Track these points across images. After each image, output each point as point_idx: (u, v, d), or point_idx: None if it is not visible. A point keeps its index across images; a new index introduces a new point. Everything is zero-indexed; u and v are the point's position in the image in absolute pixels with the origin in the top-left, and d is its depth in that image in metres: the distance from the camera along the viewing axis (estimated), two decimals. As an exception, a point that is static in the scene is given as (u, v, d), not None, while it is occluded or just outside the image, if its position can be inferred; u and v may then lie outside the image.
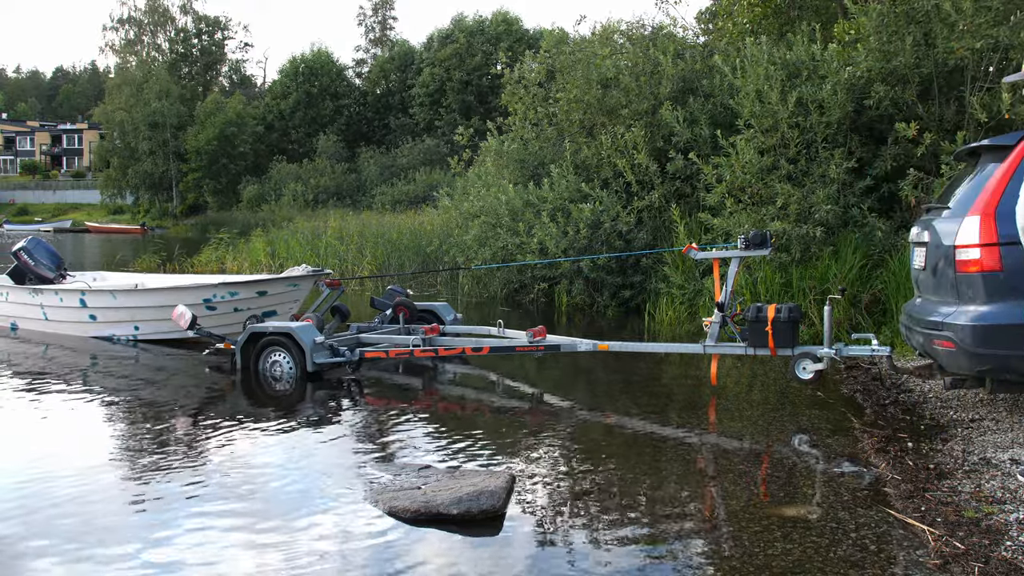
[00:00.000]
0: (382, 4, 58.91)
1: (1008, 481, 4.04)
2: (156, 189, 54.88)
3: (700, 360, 7.43)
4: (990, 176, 4.64)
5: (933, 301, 4.97)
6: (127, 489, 4.25)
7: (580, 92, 11.83)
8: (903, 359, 6.73)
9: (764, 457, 4.81)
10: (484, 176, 13.81)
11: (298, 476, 4.46)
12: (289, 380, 6.83)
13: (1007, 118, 7.72)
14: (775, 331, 5.84)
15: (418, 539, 3.61)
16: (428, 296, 12.96)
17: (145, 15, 57.80)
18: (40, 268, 9.77)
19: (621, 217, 10.72)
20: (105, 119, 56.05)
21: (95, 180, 63.85)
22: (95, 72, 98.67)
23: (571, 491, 4.20)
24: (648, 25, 13.02)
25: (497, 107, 17.60)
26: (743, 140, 9.00)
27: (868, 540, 3.51)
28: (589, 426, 5.60)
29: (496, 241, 11.89)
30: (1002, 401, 5.49)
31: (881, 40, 8.61)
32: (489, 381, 7.21)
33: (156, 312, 8.65)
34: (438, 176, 32.64)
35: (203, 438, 5.22)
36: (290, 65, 50.80)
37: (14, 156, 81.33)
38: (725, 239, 8.89)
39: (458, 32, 45.83)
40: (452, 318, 8.24)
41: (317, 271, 8.65)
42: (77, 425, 5.70)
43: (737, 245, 6.24)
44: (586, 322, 10.44)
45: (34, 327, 9.67)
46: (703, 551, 3.48)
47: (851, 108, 8.74)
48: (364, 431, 5.49)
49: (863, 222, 8.52)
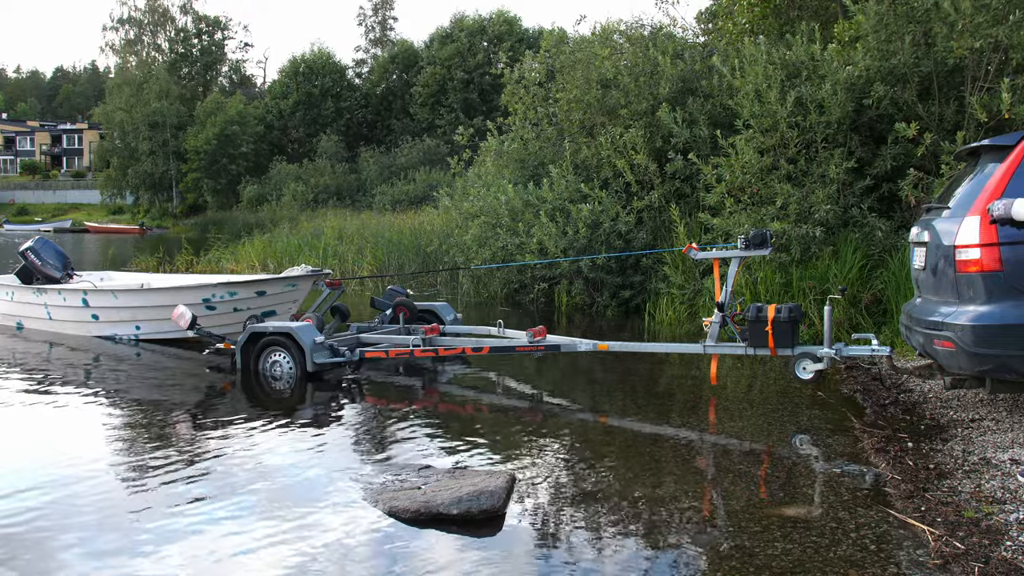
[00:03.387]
0: (382, 4, 58.90)
1: (1008, 481, 4.04)
2: (156, 189, 54.90)
3: (700, 360, 7.43)
4: (990, 176, 4.64)
5: (933, 301, 4.97)
6: (126, 489, 4.25)
7: (580, 92, 11.83)
8: (903, 359, 6.73)
9: (764, 457, 4.81)
10: (484, 176, 13.80)
11: (298, 476, 4.46)
12: (289, 380, 6.83)
13: (1007, 118, 7.71)
14: (775, 331, 5.84)
15: (418, 539, 3.61)
16: (428, 296, 12.97)
17: (145, 15, 57.85)
18: (47, 268, 9.84)
19: (621, 217, 10.72)
20: (105, 119, 56.08)
21: (95, 180, 63.88)
22: (95, 72, 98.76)
23: (571, 491, 4.20)
24: (647, 25, 13.03)
25: (498, 106, 17.60)
26: (742, 140, 9.00)
27: (868, 540, 3.51)
28: (589, 426, 5.60)
29: (496, 241, 11.89)
30: (1002, 401, 5.49)
31: (879, 39, 8.61)
32: (489, 381, 7.21)
33: (157, 312, 8.67)
34: (438, 176, 32.65)
35: (203, 438, 5.23)
36: (290, 65, 50.80)
37: (14, 156, 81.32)
38: (725, 239, 8.88)
39: (459, 31, 45.86)
40: (452, 318, 8.24)
41: (317, 271, 8.65)
42: (77, 425, 5.71)
43: (737, 245, 6.24)
44: (586, 322, 10.44)
45: (39, 326, 9.70)
46: (703, 551, 3.48)
47: (851, 108, 8.73)
48: (364, 431, 5.49)
49: (863, 222, 8.51)
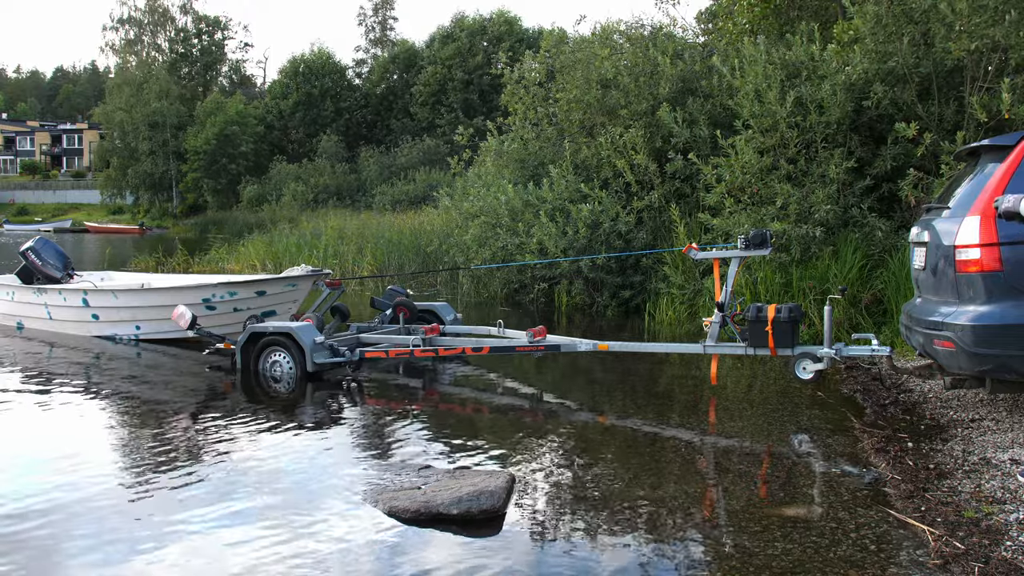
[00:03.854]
0: (382, 4, 58.89)
1: (1008, 481, 4.04)
2: (156, 189, 54.90)
3: (700, 360, 7.43)
4: (990, 176, 4.64)
5: (933, 301, 4.97)
6: (125, 490, 4.24)
7: (580, 92, 11.83)
8: (903, 359, 6.73)
9: (764, 457, 4.81)
10: (484, 176, 13.80)
11: (298, 476, 4.46)
12: (289, 380, 6.83)
13: (1007, 118, 7.71)
14: (775, 331, 5.84)
15: (418, 539, 3.61)
16: (428, 296, 12.97)
17: (145, 15, 57.84)
18: (48, 268, 9.84)
19: (621, 217, 10.72)
20: (105, 119, 56.07)
21: (95, 180, 63.87)
22: (95, 72, 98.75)
23: (571, 491, 4.20)
24: (647, 25, 13.03)
25: (498, 106, 17.59)
26: (742, 140, 9.00)
27: (868, 540, 3.52)
28: (589, 426, 5.60)
29: (496, 241, 11.89)
30: (1002, 401, 5.49)
31: (877, 40, 8.61)
32: (489, 381, 7.21)
33: (157, 312, 8.67)
34: (438, 176, 32.65)
35: (202, 438, 5.22)
36: (290, 65, 50.80)
37: (14, 156, 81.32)
38: (725, 239, 8.88)
39: (459, 31, 45.84)
40: (452, 318, 8.24)
41: (317, 271, 8.65)
42: (77, 425, 5.70)
43: (737, 245, 6.24)
44: (586, 322, 10.44)
45: (39, 326, 9.70)
46: (703, 551, 3.48)
47: (850, 108, 8.73)
48: (364, 431, 5.49)
49: (863, 222, 8.51)
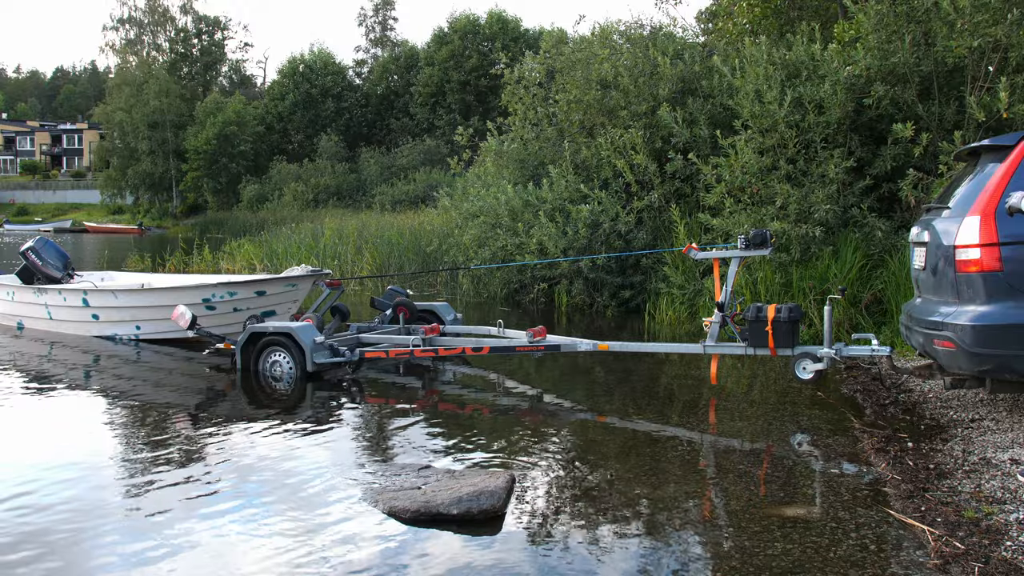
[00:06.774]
0: (383, 4, 58.88)
1: (1008, 481, 4.04)
2: (156, 189, 54.93)
3: (700, 360, 7.43)
4: (990, 176, 4.64)
5: (933, 301, 4.97)
6: (124, 490, 4.24)
7: (580, 92, 11.83)
8: (903, 359, 6.73)
9: (764, 457, 4.81)
10: (484, 176, 13.81)
11: (298, 476, 4.45)
12: (289, 380, 6.83)
13: (1005, 117, 7.72)
14: (775, 331, 5.84)
15: (418, 539, 3.61)
16: (428, 296, 12.96)
17: (145, 15, 57.81)
18: (48, 268, 9.84)
19: (621, 217, 10.72)
20: (105, 119, 56.10)
21: (95, 180, 63.87)
22: (95, 72, 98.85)
23: (571, 491, 4.20)
24: (647, 25, 13.04)
25: (496, 107, 17.60)
26: (742, 140, 9.00)
27: (868, 540, 3.51)
28: (589, 426, 5.60)
29: (495, 241, 11.89)
30: (1002, 401, 5.49)
31: (880, 39, 8.61)
32: (489, 381, 7.21)
33: (157, 312, 8.66)
34: (438, 176, 32.67)
35: (202, 438, 5.22)
36: (290, 65, 50.80)
37: (14, 156, 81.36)
38: (725, 239, 8.89)
39: (452, 32, 45.80)
40: (452, 318, 8.24)
41: (316, 271, 8.65)
42: (77, 425, 5.70)
43: (737, 245, 6.24)
44: (586, 322, 10.44)
45: (39, 326, 9.70)
46: (703, 551, 3.48)
47: (851, 108, 8.73)
48: (364, 431, 5.49)
49: (863, 222, 8.52)
